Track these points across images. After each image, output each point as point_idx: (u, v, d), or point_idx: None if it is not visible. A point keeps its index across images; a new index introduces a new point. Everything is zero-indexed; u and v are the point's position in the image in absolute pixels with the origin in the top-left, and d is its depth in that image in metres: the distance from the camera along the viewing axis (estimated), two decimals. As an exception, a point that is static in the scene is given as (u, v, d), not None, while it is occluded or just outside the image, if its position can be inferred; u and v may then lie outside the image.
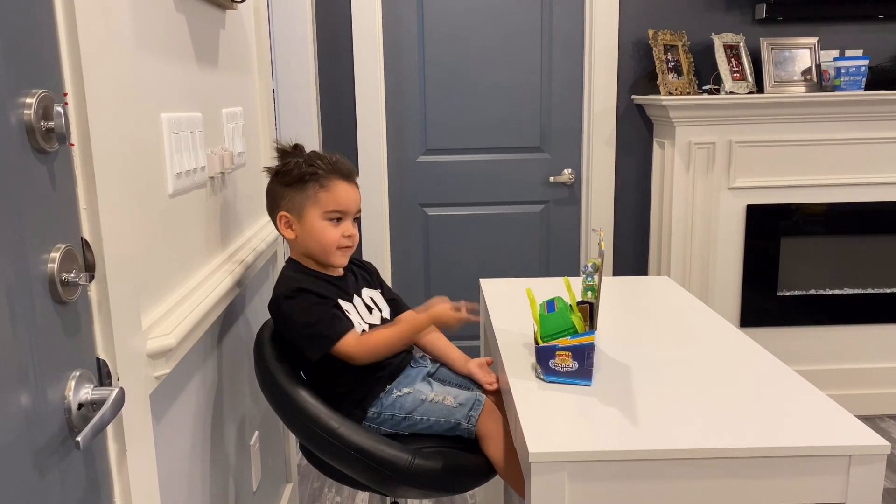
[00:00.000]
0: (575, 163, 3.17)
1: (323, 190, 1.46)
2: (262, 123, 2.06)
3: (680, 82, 2.90)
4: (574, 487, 1.13)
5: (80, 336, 0.92)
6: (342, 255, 1.51)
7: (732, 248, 2.94)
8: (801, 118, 2.82)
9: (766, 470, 1.13)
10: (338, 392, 1.48)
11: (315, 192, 1.46)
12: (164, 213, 1.25)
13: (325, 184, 1.47)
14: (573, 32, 3.07)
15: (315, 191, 1.46)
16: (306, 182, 1.46)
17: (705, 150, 2.86)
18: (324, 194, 1.46)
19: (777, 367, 1.41)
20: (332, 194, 1.47)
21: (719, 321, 1.69)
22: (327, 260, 1.50)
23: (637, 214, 3.14)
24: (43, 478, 0.82)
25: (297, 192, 1.47)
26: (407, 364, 1.56)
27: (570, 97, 3.12)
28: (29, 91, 0.81)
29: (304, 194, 1.47)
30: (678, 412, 1.23)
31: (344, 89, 3.01)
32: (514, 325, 1.66)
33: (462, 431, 1.47)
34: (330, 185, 1.47)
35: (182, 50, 1.39)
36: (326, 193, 1.47)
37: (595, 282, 1.37)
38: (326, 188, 1.47)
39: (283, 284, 1.48)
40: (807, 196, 2.90)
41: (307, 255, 1.52)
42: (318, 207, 1.46)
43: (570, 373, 1.35)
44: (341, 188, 1.48)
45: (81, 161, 0.93)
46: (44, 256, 0.84)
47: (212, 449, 1.51)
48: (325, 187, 1.47)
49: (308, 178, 1.46)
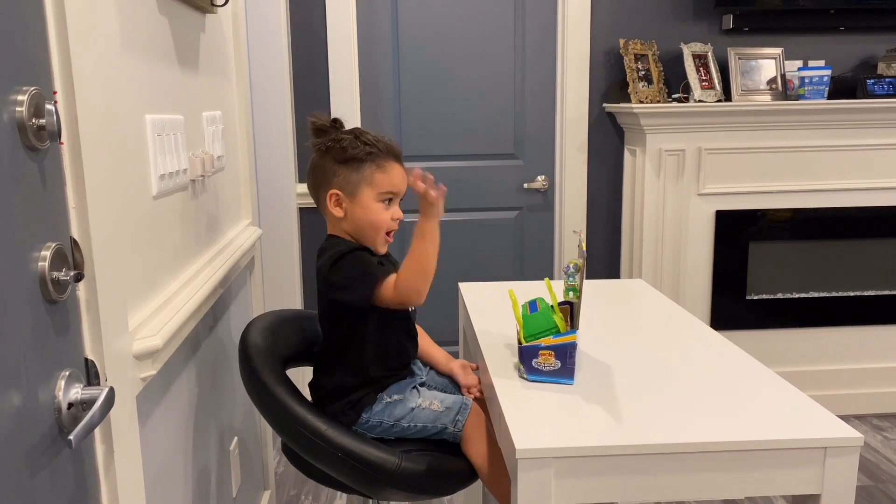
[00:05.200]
0: (548, 169, 3.21)
1: (380, 171, 1.45)
2: (240, 128, 2.06)
3: (650, 91, 2.96)
4: (560, 484, 1.15)
5: (70, 335, 0.91)
6: (386, 242, 1.50)
7: (702, 253, 3.00)
8: (768, 126, 2.90)
9: (745, 462, 1.16)
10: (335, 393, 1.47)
11: (372, 172, 1.44)
12: (147, 214, 1.25)
13: (381, 164, 1.45)
14: (546, 41, 3.12)
15: (372, 171, 1.44)
16: (363, 162, 1.44)
17: (675, 156, 2.92)
18: (380, 175, 1.45)
19: (752, 364, 1.45)
20: (388, 175, 1.46)
21: (693, 321, 1.73)
22: (374, 242, 1.49)
23: (609, 220, 3.19)
24: (34, 477, 0.81)
25: (353, 171, 1.44)
26: (409, 374, 1.56)
27: (543, 105, 3.16)
28: (20, 88, 0.81)
29: (360, 174, 1.44)
30: (659, 408, 1.26)
31: (319, 95, 3.01)
32: (494, 327, 1.68)
33: (448, 436, 1.48)
34: (386, 166, 1.46)
35: (164, 52, 1.39)
36: (383, 175, 1.45)
37: (577, 282, 1.39)
38: (383, 169, 1.45)
39: (338, 245, 1.45)
40: (774, 202, 2.98)
41: (351, 235, 1.50)
42: (374, 188, 1.45)
43: (553, 372, 1.37)
44: (396, 170, 1.47)
45: (71, 160, 0.93)
46: (34, 255, 0.83)
47: (194, 453, 1.50)
48: (382, 168, 1.45)
49: (365, 158, 1.44)
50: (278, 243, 2.84)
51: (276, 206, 2.83)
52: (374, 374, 1.49)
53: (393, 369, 1.53)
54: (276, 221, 2.83)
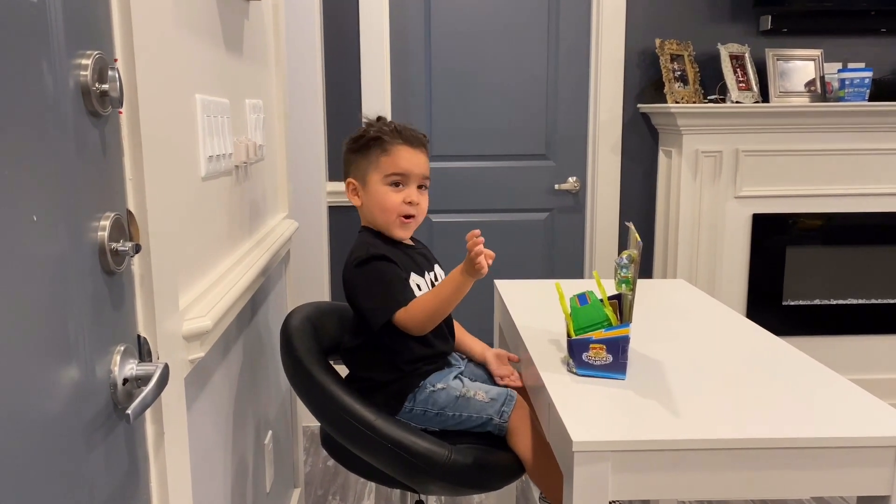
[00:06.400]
0: (580, 171, 3.17)
1: (384, 154, 1.45)
2: (277, 119, 2.04)
3: (686, 91, 2.92)
4: (618, 478, 1.11)
5: (125, 310, 0.89)
6: (403, 227, 1.47)
7: (738, 257, 2.95)
8: (807, 128, 2.84)
9: (809, 461, 1.12)
10: (376, 382, 1.45)
11: (377, 156, 1.45)
12: (196, 195, 1.22)
13: (386, 148, 1.45)
14: (579, 41, 3.08)
15: (377, 155, 1.45)
16: (369, 147, 1.46)
17: (712, 158, 2.87)
18: (384, 158, 1.45)
19: (810, 363, 1.41)
20: (393, 158, 1.45)
21: (742, 320, 1.68)
22: (389, 230, 1.47)
23: (642, 223, 3.14)
24: (90, 452, 0.79)
25: (362, 158, 1.46)
26: (447, 363, 1.53)
27: (576, 105, 3.13)
28: (85, 52, 0.79)
29: (367, 160, 1.46)
30: (717, 404, 1.22)
31: (350, 94, 3.00)
32: (536, 322, 1.64)
33: (493, 428, 1.44)
34: (391, 149, 1.45)
35: (212, 34, 1.37)
36: (387, 157, 1.45)
37: (630, 273, 1.35)
38: (388, 152, 1.45)
39: (360, 248, 1.44)
40: (812, 206, 2.92)
41: (371, 224, 1.49)
42: (379, 172, 1.45)
43: (605, 366, 1.33)
44: (403, 151, 1.46)
45: (129, 130, 0.90)
46: (94, 224, 0.81)
47: (233, 444, 1.47)
48: (387, 151, 1.45)
49: (372, 144, 1.45)
50: (309, 239, 2.82)
51: (307, 201, 2.80)
52: (411, 365, 1.46)
53: (431, 360, 1.50)
54: (306, 217, 2.81)
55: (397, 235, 1.48)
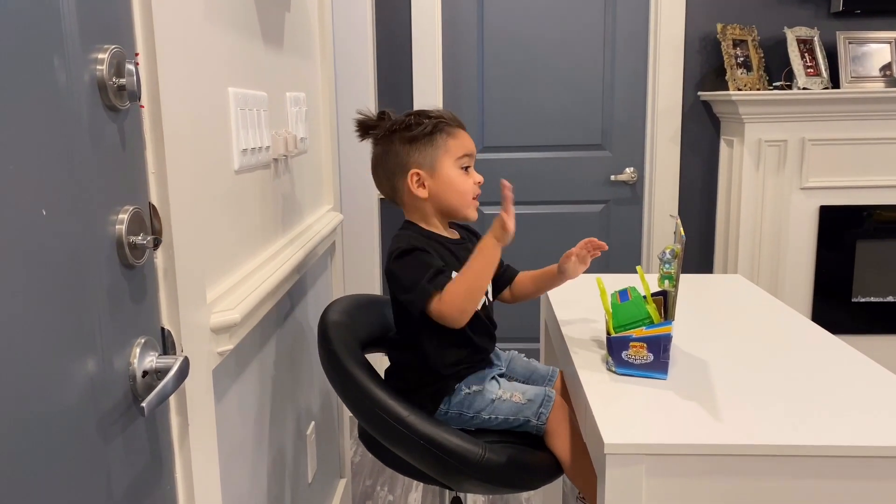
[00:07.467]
0: (637, 161, 3.08)
1: (451, 138, 1.45)
2: (323, 112, 2.05)
3: (749, 78, 2.79)
4: (652, 483, 1.06)
5: (146, 303, 0.89)
6: (475, 208, 1.49)
7: (804, 252, 2.81)
8: (880, 115, 2.68)
9: (864, 471, 1.04)
10: (412, 382, 1.43)
11: (444, 141, 1.45)
12: (229, 188, 1.23)
13: (451, 132, 1.46)
14: (637, 27, 2.99)
15: (444, 140, 1.45)
16: (433, 134, 1.44)
17: (776, 147, 2.74)
18: (453, 141, 1.45)
19: (871, 366, 1.32)
20: (460, 140, 1.46)
21: (801, 320, 1.60)
22: (464, 213, 1.47)
23: (702, 214, 3.03)
24: (107, 444, 0.79)
25: (427, 146, 1.45)
26: (487, 364, 1.50)
27: (634, 94, 3.04)
28: (101, 46, 0.79)
29: (434, 146, 1.44)
30: (765, 408, 1.15)
31: (402, 84, 2.99)
32: (580, 318, 1.59)
33: (531, 428, 1.41)
34: (455, 132, 1.46)
35: (249, 27, 1.38)
36: (455, 140, 1.45)
37: (673, 269, 1.30)
38: (454, 136, 1.46)
39: (401, 240, 1.44)
40: (884, 197, 2.75)
41: (441, 212, 1.48)
42: (450, 155, 1.44)
43: (645, 365, 1.28)
44: (464, 134, 1.48)
45: (151, 123, 0.91)
46: (112, 217, 0.81)
47: (269, 434, 1.48)
48: (453, 135, 1.46)
49: (434, 130, 1.44)
50: (359, 230, 2.83)
51: (358, 193, 2.81)
52: (449, 369, 1.43)
53: (470, 361, 1.47)
54: (357, 209, 2.82)
55: (472, 217, 1.49)
